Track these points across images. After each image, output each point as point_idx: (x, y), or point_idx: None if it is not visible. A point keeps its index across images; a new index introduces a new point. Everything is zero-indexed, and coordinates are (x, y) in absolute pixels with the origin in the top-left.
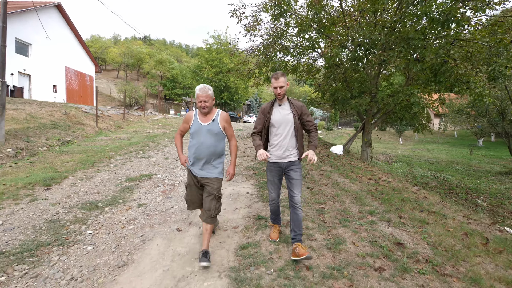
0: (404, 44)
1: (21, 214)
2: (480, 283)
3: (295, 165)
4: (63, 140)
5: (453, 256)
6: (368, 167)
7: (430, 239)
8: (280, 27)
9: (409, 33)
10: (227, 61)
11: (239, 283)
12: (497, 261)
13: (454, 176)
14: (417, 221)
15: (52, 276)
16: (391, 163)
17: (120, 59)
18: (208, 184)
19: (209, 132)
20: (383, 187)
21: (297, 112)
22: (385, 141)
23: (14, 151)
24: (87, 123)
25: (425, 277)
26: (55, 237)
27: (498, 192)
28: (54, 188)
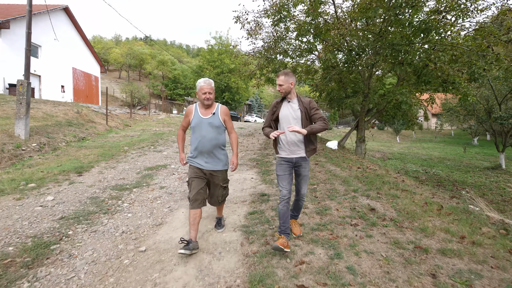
0: (389, 49)
1: (66, 193)
2: (426, 231)
3: (304, 161)
4: (78, 137)
5: (412, 217)
6: (359, 159)
7: (398, 207)
8: (280, 32)
9: (394, 39)
10: (228, 61)
11: (249, 234)
12: (444, 220)
13: (443, 171)
14: (390, 196)
15: (107, 231)
16: (386, 159)
17: (123, 60)
18: (214, 175)
19: (210, 125)
20: (369, 173)
21: (305, 108)
22: (383, 140)
23: (38, 145)
24: (98, 122)
25: (387, 228)
26: (100, 208)
27: (482, 184)
28: (85, 175)
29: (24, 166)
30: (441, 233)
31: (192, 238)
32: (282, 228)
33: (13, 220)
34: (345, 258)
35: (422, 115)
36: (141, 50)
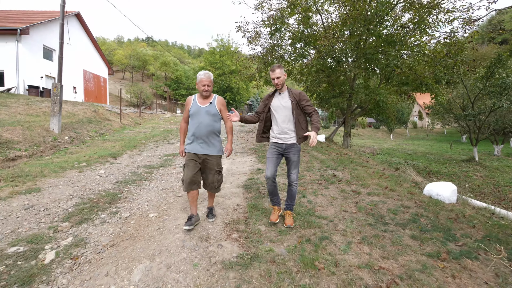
0: (363, 58)
1: (111, 169)
2: (364, 185)
3: (294, 147)
4: (98, 132)
5: (360, 179)
6: (340, 148)
7: (353, 174)
8: (277, 39)
9: (368, 49)
10: (229, 63)
11: (248, 188)
12: (380, 180)
13: (423, 163)
14: (351, 169)
15: (151, 188)
16: (375, 154)
17: (127, 61)
18: (209, 160)
19: (207, 113)
20: (343, 157)
21: (295, 99)
22: (378, 138)
23: (69, 138)
24: (113, 120)
25: (340, 184)
26: (140, 177)
27: (453, 173)
28: (119, 159)
29: (66, 153)
30: (374, 186)
31: (193, 213)
32: (274, 201)
33: (84, 183)
34: (307, 197)
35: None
36: (144, 52)
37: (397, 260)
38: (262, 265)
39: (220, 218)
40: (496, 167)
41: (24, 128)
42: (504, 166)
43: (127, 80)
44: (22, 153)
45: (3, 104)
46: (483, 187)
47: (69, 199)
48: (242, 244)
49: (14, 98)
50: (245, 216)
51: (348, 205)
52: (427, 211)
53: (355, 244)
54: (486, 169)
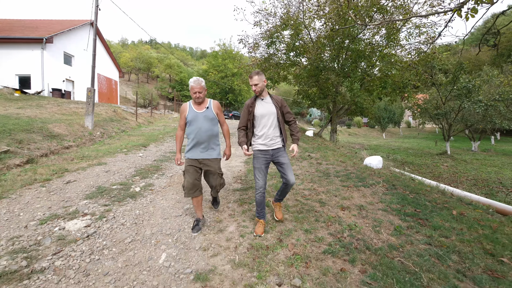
0: (339, 68)
1: (146, 153)
2: (328, 161)
3: (281, 151)
4: (120, 129)
5: (327, 158)
6: (323, 141)
7: (323, 155)
8: (273, 49)
9: (344, 61)
10: (231, 66)
11: (247, 163)
12: (341, 158)
13: (401, 156)
14: (324, 152)
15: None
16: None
17: (133, 64)
18: (210, 164)
19: (205, 118)
20: (323, 146)
21: (277, 105)
22: (372, 136)
23: (100, 134)
24: (129, 119)
25: (312, 161)
26: (169, 158)
27: (423, 164)
28: (148, 148)
29: (104, 144)
30: (333, 160)
31: (199, 217)
32: (260, 214)
33: (132, 161)
34: None
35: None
36: (149, 55)
37: (325, 187)
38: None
39: (230, 174)
40: (464, 160)
41: (66, 124)
42: (474, 159)
43: (132, 82)
44: (71, 143)
45: (40, 105)
46: (444, 173)
47: (128, 168)
48: (242, 184)
49: (45, 100)
50: (244, 173)
51: (310, 169)
52: (359, 171)
53: (306, 182)
54: (454, 161)
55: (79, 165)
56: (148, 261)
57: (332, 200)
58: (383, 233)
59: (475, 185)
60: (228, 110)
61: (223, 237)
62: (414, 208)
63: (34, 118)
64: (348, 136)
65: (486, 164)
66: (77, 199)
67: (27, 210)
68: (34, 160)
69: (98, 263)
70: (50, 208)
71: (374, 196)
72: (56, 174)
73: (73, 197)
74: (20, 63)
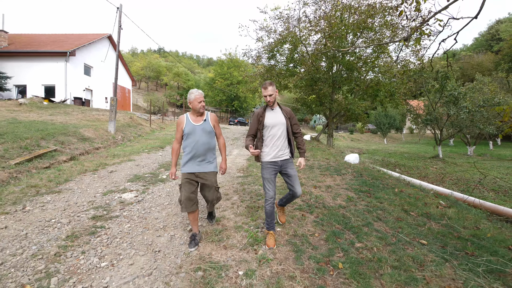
0: (330, 80)
1: (164, 153)
2: (316, 159)
3: (289, 162)
4: (137, 134)
5: (315, 156)
6: (318, 143)
7: (313, 154)
8: (274, 61)
9: (335, 73)
10: (236, 74)
11: (249, 160)
12: (327, 157)
13: (395, 159)
14: (314, 152)
15: None
16: (361, 153)
17: (143, 72)
18: (206, 178)
19: (203, 131)
20: (316, 148)
21: (287, 116)
22: (374, 142)
23: (121, 137)
24: (144, 124)
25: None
26: None
27: (414, 166)
28: (165, 149)
29: (127, 146)
30: (321, 159)
31: (195, 232)
32: (270, 225)
33: (154, 158)
34: None
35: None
36: (159, 63)
37: (306, 175)
38: (253, 177)
39: (235, 167)
40: (454, 162)
41: (93, 129)
42: (465, 162)
43: (142, 89)
44: (100, 145)
45: (67, 113)
46: (430, 174)
47: (153, 163)
48: (244, 173)
49: (70, 108)
50: (245, 167)
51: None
52: (338, 165)
53: None
54: (445, 163)
55: (114, 161)
56: (181, 214)
57: (309, 182)
58: (338, 200)
59: (455, 184)
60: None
61: (229, 203)
62: (368, 187)
63: (66, 124)
64: (351, 141)
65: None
66: (122, 182)
67: (91, 187)
68: (76, 158)
69: (150, 214)
70: (105, 186)
71: (342, 181)
72: (99, 166)
73: (119, 180)
74: (46, 74)
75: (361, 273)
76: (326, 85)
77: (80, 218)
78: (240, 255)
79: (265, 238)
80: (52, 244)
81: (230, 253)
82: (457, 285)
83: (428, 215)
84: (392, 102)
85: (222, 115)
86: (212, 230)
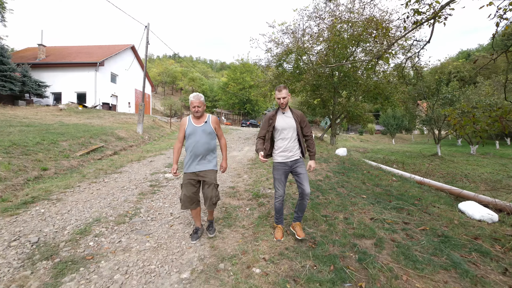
0: (330, 86)
1: None
2: None
3: (299, 162)
4: (160, 134)
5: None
6: (319, 141)
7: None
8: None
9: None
10: (248, 79)
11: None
12: (325, 150)
13: (395, 157)
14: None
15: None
16: (365, 153)
17: (160, 78)
18: (206, 176)
19: (203, 132)
20: (319, 145)
21: (297, 119)
22: (383, 142)
23: (148, 137)
24: (165, 126)
25: None
26: None
27: (412, 162)
28: None
29: (155, 144)
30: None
31: (198, 226)
32: (278, 220)
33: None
34: None
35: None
36: (174, 69)
37: None
38: (259, 164)
39: (246, 159)
40: (452, 160)
41: (125, 130)
42: (464, 160)
43: (159, 94)
44: (132, 143)
45: (100, 117)
46: (423, 169)
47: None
48: (252, 163)
49: (101, 112)
50: (254, 158)
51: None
52: (328, 157)
53: None
54: (442, 160)
55: (149, 154)
56: None
57: None
58: (318, 177)
59: (443, 177)
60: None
61: (241, 179)
62: (345, 170)
63: (103, 126)
64: (360, 142)
65: (471, 164)
66: (161, 167)
67: (141, 170)
68: (117, 153)
69: None
70: (151, 169)
71: (327, 166)
72: (140, 158)
73: (158, 166)
74: (78, 82)
75: (316, 207)
76: (326, 91)
77: (142, 186)
78: (247, 202)
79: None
80: (131, 197)
81: (242, 202)
82: (369, 212)
83: (378, 185)
84: (390, 104)
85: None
86: (229, 189)
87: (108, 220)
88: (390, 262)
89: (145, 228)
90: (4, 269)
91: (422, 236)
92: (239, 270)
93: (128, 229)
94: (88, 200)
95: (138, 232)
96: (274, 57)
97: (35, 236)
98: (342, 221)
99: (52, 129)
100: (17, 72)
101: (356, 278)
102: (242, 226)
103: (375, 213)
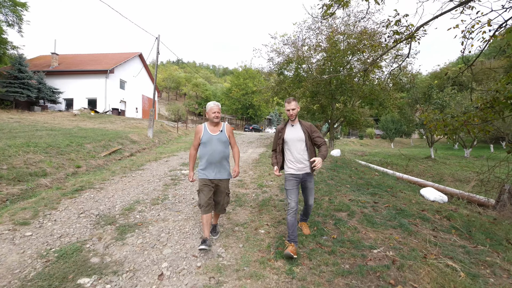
0: (327, 93)
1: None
2: None
3: (310, 176)
4: (168, 138)
5: None
6: None
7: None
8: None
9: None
10: (251, 85)
11: (261, 155)
12: None
13: (391, 159)
14: None
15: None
16: (363, 155)
17: (164, 83)
18: (220, 184)
19: (219, 141)
20: None
21: (306, 131)
22: (382, 146)
23: (158, 141)
24: (172, 131)
25: None
26: None
27: (405, 164)
28: None
29: (165, 147)
30: None
31: (206, 236)
32: (291, 237)
33: None
34: None
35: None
36: (178, 75)
37: None
38: (262, 163)
39: (250, 159)
40: (444, 162)
41: (137, 134)
42: (455, 162)
43: (164, 99)
44: (145, 146)
45: (111, 122)
46: (415, 170)
47: None
48: (256, 162)
49: (112, 117)
50: (257, 158)
51: None
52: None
53: None
54: (434, 162)
55: (163, 155)
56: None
57: None
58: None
59: (432, 177)
60: (249, 124)
61: (247, 174)
62: (336, 167)
63: (116, 130)
64: (360, 146)
65: (462, 166)
66: (177, 166)
67: (159, 168)
68: (134, 154)
69: None
70: (168, 168)
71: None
72: (156, 158)
73: (174, 165)
74: (89, 88)
75: None
76: (324, 97)
77: (165, 179)
78: (253, 191)
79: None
80: (158, 187)
81: (248, 190)
82: (349, 196)
83: (361, 178)
84: (384, 109)
85: (237, 122)
86: (238, 182)
87: (146, 202)
88: (356, 224)
89: (175, 207)
90: (83, 230)
91: (384, 210)
92: (249, 231)
93: (162, 208)
94: (125, 189)
95: (170, 209)
96: (276, 65)
97: (95, 210)
98: (327, 201)
99: (74, 133)
100: (33, 79)
101: (331, 233)
102: (250, 206)
103: (353, 196)
